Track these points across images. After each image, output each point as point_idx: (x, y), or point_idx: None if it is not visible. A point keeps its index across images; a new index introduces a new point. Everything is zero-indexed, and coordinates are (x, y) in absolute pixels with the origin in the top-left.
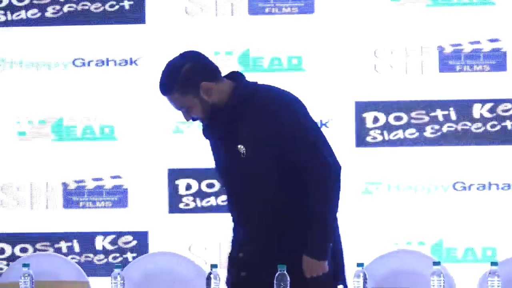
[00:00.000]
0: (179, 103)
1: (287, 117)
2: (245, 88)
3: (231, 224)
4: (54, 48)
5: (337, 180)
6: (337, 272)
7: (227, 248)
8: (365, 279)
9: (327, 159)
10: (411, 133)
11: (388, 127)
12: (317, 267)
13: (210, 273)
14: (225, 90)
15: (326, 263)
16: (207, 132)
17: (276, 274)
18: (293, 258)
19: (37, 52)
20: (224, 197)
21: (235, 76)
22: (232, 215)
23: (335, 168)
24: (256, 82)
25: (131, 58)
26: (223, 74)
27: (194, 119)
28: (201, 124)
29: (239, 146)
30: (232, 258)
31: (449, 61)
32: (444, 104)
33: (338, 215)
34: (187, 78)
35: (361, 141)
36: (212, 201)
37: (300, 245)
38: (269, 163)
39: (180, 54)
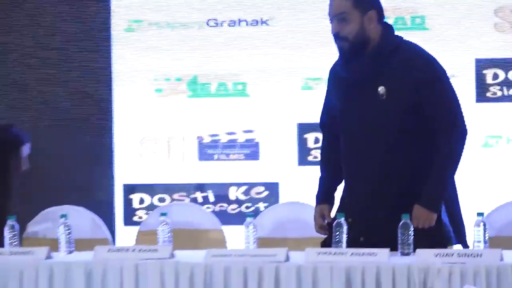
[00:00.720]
0: (343, 8)
1: (430, 74)
2: (395, 38)
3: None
4: (189, 9)
5: (464, 144)
6: (458, 231)
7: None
8: (485, 227)
9: (465, 128)
10: None
11: (507, 83)
12: (427, 218)
13: (335, 220)
14: (377, 33)
15: (435, 216)
16: (347, 69)
17: (400, 223)
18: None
19: (173, 13)
20: None
21: (387, 26)
22: (348, 169)
23: (466, 135)
24: (402, 37)
25: (261, 18)
26: None
27: (338, 38)
28: (337, 63)
29: (380, 87)
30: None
31: None
32: None
33: (459, 167)
34: None
35: (481, 96)
36: None
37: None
38: (405, 112)
39: None
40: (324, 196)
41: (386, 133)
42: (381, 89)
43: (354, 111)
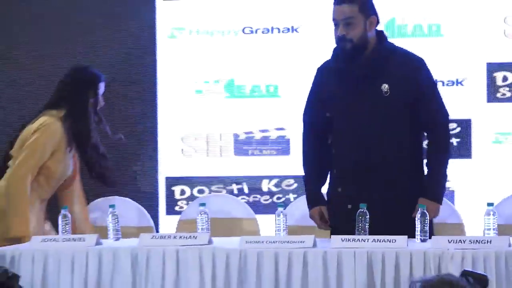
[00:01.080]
0: (350, 13)
1: (425, 75)
2: (389, 43)
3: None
4: (226, 18)
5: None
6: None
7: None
8: (494, 216)
9: (449, 119)
10: None
11: None
12: (432, 209)
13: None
14: (374, 37)
15: (440, 207)
16: (349, 70)
17: (419, 213)
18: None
19: (211, 21)
20: None
21: (381, 32)
22: (344, 163)
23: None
24: (393, 42)
25: (292, 26)
26: None
27: (343, 40)
28: (337, 61)
29: (383, 85)
30: (344, 211)
31: None
32: None
33: (471, 161)
34: (369, 2)
35: (491, 97)
36: None
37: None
38: (405, 106)
39: None
40: (318, 197)
41: (389, 125)
42: (384, 86)
43: (359, 105)
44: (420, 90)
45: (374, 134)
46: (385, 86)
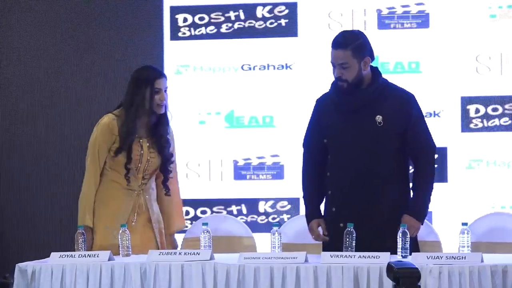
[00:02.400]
0: (345, 58)
1: (415, 109)
2: (383, 79)
3: (331, 193)
4: (227, 56)
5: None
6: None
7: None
8: (468, 235)
9: (435, 150)
10: (505, 121)
11: (486, 116)
12: (414, 226)
13: (347, 229)
14: (369, 74)
15: (420, 226)
16: (346, 103)
17: (400, 232)
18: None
19: (214, 59)
20: None
21: (375, 68)
22: (338, 185)
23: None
24: (386, 78)
25: (286, 64)
26: None
27: (339, 80)
28: (334, 95)
29: (377, 116)
30: (337, 229)
31: None
32: None
33: (447, 185)
34: (362, 46)
35: (465, 127)
36: None
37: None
38: (397, 137)
39: (356, 30)
40: (316, 212)
41: (381, 152)
42: (378, 117)
43: (354, 133)
44: (410, 122)
45: (367, 160)
46: (379, 117)
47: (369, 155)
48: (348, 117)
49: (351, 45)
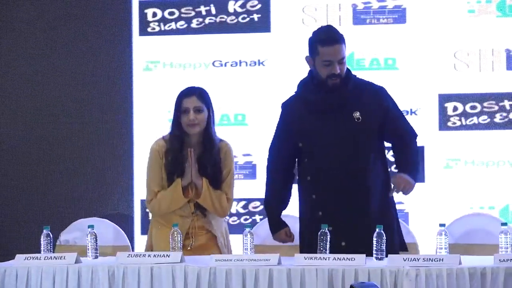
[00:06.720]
0: (343, 53)
1: (390, 101)
2: (353, 74)
3: (315, 196)
4: (197, 52)
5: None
6: (403, 242)
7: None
8: (446, 236)
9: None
10: (483, 119)
11: (465, 114)
12: (407, 183)
13: (321, 231)
14: None
15: (414, 186)
16: (324, 103)
17: (375, 233)
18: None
19: (184, 55)
20: None
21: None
22: (324, 181)
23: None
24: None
25: (259, 60)
26: None
27: (333, 77)
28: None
29: (355, 112)
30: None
31: None
32: (511, 96)
33: (424, 185)
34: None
35: (443, 125)
36: None
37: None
38: (376, 129)
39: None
40: (279, 222)
41: (361, 148)
42: (356, 114)
43: (333, 132)
44: (387, 114)
45: (349, 159)
46: (357, 113)
47: (351, 154)
48: (325, 116)
49: (343, 39)
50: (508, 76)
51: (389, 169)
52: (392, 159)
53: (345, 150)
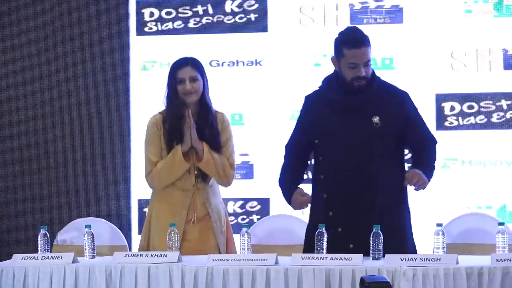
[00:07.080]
0: (368, 56)
1: (411, 106)
2: (378, 77)
3: (327, 196)
4: (194, 52)
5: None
6: (414, 248)
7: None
8: (443, 236)
9: (435, 140)
10: (480, 119)
11: (462, 114)
12: (420, 178)
13: (319, 230)
14: None
15: (427, 183)
16: (346, 104)
17: (372, 233)
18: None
19: (181, 55)
20: None
21: None
22: (337, 183)
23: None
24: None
25: (256, 60)
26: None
27: (362, 78)
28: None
29: (374, 117)
30: (334, 233)
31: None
32: (508, 95)
33: None
34: None
35: (440, 125)
36: None
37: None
38: (395, 135)
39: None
40: (293, 188)
41: (376, 154)
42: (375, 118)
43: (350, 134)
44: (407, 118)
45: (363, 162)
46: (376, 118)
47: (366, 158)
48: (344, 117)
49: (369, 42)
50: (505, 76)
51: None
52: (409, 164)
53: (360, 153)
